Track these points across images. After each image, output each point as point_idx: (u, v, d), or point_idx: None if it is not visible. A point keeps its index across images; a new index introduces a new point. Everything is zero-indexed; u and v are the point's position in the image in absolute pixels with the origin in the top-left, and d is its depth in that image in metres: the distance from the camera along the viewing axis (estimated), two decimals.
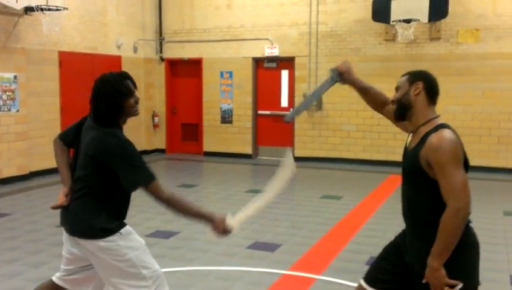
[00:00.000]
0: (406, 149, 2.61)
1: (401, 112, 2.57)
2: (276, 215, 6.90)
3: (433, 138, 2.38)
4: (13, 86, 8.88)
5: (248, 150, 11.87)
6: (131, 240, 2.88)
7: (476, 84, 10.11)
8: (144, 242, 2.97)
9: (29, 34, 9.20)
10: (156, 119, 12.43)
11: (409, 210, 2.56)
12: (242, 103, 11.92)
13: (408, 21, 9.72)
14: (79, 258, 2.96)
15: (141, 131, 12.20)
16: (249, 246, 5.51)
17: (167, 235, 5.88)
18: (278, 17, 11.47)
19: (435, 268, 2.30)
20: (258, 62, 11.91)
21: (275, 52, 11.52)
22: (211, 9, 12.00)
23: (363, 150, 11.04)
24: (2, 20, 8.66)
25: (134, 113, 2.92)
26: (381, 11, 9.97)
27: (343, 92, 10.92)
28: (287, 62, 11.61)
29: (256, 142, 12.06)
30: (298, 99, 11.38)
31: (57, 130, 9.93)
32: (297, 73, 11.43)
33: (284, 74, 11.76)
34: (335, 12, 11.01)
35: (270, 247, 5.48)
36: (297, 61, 11.40)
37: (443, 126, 2.46)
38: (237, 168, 10.66)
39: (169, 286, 4.28)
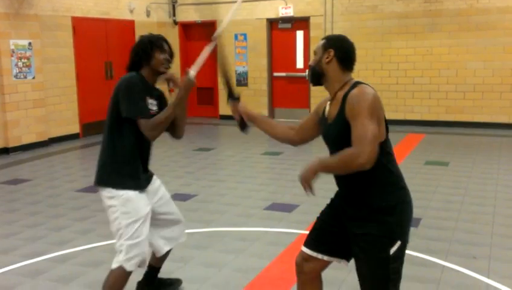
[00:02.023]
0: (325, 119, 2.57)
1: (314, 78, 2.57)
2: (293, 176, 6.89)
3: (353, 93, 2.35)
4: (28, 53, 8.89)
5: (264, 112, 11.82)
6: (126, 207, 3.02)
7: (497, 39, 9.83)
8: (144, 213, 3.06)
9: (41, 0, 9.14)
10: (171, 84, 12.37)
11: (343, 181, 2.53)
12: (257, 65, 11.80)
13: None
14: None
15: None
16: (266, 207, 5.53)
17: (185, 197, 5.93)
18: None
19: (313, 167, 2.36)
20: (272, 23, 11.71)
21: (289, 12, 11.30)
22: None
23: None
24: None
25: (161, 68, 3.10)
26: None
27: (359, 51, 10.71)
28: (301, 22, 11.39)
29: (272, 104, 12.00)
30: None
31: (74, 97, 10.00)
32: (312, 33, 11.22)
33: (299, 34, 11.56)
34: None
35: (287, 208, 5.51)
36: (312, 21, 11.18)
37: (360, 83, 2.43)
38: (253, 131, 10.56)
39: (189, 247, 4.35)
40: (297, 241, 4.58)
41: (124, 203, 3.01)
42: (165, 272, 3.68)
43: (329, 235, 2.60)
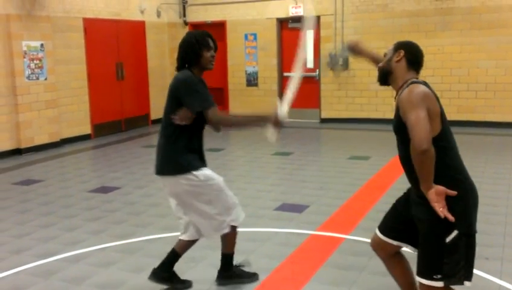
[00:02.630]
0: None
1: (382, 77, 2.82)
2: (304, 176, 6.89)
3: (403, 93, 2.60)
4: (40, 54, 8.97)
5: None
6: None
7: (509, 37, 9.73)
8: (223, 181, 3.46)
9: (53, 2, 9.22)
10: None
11: (404, 166, 2.73)
12: (267, 65, 11.80)
13: None
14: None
15: None
16: (276, 208, 5.53)
17: None
18: None
19: (426, 193, 2.51)
20: (282, 23, 11.70)
21: (299, 11, 11.28)
22: None
23: (392, 110, 10.79)
24: None
25: (209, 66, 3.36)
26: None
27: None
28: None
29: None
30: (324, 60, 11.18)
31: (85, 98, 10.07)
32: (322, 33, 11.19)
33: (309, 34, 11.52)
34: None
35: (297, 208, 5.50)
36: (322, 20, 11.15)
37: (414, 82, 2.64)
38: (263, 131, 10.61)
39: (200, 248, 4.36)
40: (307, 242, 4.58)
41: (206, 181, 3.32)
42: (176, 272, 3.69)
43: (399, 222, 2.84)
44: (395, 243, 2.87)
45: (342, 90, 11.17)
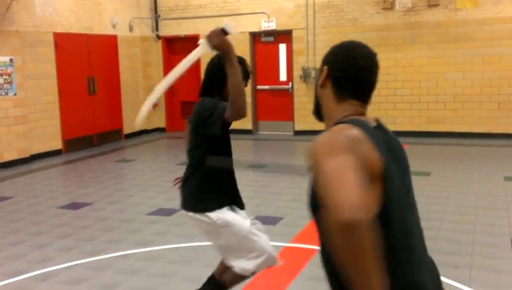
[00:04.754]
0: None
1: (316, 111, 1.69)
2: (278, 189, 6.92)
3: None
4: (9, 70, 8.83)
5: (248, 125, 11.85)
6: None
7: (476, 50, 10.01)
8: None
9: (22, 17, 9.11)
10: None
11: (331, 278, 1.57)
12: None
13: None
14: None
15: None
16: None
17: (169, 212, 5.91)
18: None
19: None
20: (255, 37, 11.80)
21: (271, 25, 11.39)
22: None
23: None
24: None
25: None
26: None
27: None
28: (284, 35, 11.49)
29: (256, 117, 12.03)
30: (297, 73, 11.30)
31: (56, 113, 9.93)
32: (295, 46, 11.32)
33: (282, 47, 11.65)
34: None
35: (271, 220, 5.51)
36: (294, 34, 11.29)
37: (343, 122, 1.59)
38: (238, 144, 10.58)
39: (173, 262, 4.33)
40: (281, 254, 4.57)
41: (223, 226, 3.08)
42: (147, 288, 3.65)
43: None
44: None
45: None
